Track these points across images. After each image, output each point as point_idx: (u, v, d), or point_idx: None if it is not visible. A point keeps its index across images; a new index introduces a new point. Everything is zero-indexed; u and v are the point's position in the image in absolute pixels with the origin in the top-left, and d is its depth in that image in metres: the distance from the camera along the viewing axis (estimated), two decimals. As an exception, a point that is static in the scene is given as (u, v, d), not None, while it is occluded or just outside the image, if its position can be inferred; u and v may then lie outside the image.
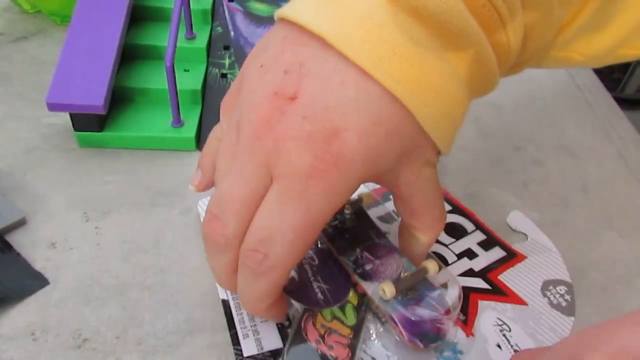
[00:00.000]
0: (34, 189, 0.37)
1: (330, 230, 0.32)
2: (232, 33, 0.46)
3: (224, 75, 0.44)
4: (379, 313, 0.30)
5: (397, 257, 0.30)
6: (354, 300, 0.30)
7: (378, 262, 0.30)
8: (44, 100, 0.37)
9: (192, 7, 0.46)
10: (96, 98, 0.37)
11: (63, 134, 0.41)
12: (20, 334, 0.29)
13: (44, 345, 0.28)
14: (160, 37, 0.44)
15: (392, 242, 0.31)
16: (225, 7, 0.47)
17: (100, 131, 0.40)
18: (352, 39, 0.22)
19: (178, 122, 0.40)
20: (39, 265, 0.32)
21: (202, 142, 0.41)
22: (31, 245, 0.33)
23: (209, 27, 0.47)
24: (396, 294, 0.28)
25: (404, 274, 0.29)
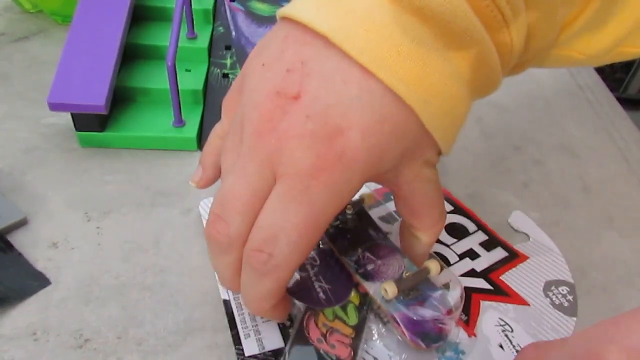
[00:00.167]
0: (34, 189, 0.36)
1: (332, 231, 0.32)
2: (234, 33, 0.46)
3: (226, 75, 0.44)
4: (381, 313, 0.30)
5: (398, 257, 0.30)
6: (355, 300, 0.30)
7: (380, 262, 0.30)
8: (45, 100, 0.37)
9: (193, 6, 0.46)
10: (97, 98, 0.37)
11: (64, 134, 0.41)
12: (22, 334, 0.29)
13: (45, 345, 0.28)
14: (161, 37, 0.44)
15: (394, 242, 0.31)
16: (227, 6, 0.47)
17: (101, 131, 0.39)
18: (354, 37, 0.22)
19: (179, 122, 0.40)
20: (41, 265, 0.32)
21: (203, 142, 0.41)
22: (32, 245, 0.33)
23: (211, 27, 0.47)
24: (398, 294, 0.28)
25: (405, 274, 0.29)
